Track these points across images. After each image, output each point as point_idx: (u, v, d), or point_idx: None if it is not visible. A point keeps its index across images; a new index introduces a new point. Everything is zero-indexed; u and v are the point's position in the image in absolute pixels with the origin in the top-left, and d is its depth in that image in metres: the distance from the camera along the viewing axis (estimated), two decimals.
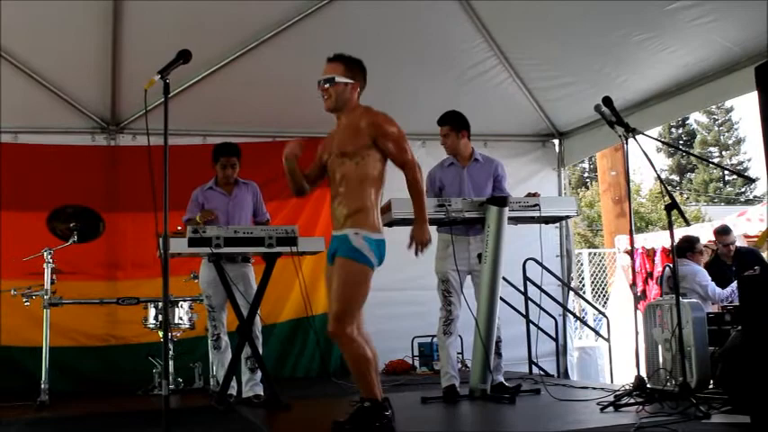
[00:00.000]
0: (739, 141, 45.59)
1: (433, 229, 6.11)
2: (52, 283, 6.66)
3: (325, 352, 8.57)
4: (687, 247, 8.21)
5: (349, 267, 4.35)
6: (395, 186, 4.87)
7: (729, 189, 44.74)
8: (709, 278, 7.98)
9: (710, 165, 44.52)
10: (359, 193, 4.50)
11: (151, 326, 7.25)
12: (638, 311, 5.99)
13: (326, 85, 4.67)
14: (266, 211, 6.78)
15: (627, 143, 5.49)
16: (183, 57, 4.00)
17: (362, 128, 4.58)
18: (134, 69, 7.56)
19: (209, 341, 6.50)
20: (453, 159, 6.40)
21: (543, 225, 6.68)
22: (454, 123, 6.31)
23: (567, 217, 7.15)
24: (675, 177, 44.87)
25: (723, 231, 8.68)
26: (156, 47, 6.67)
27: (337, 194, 4.56)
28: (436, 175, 6.42)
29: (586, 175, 42.41)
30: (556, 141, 9.80)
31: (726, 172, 45.03)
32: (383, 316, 8.64)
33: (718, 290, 7.86)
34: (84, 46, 7.40)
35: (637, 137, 5.44)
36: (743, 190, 44.18)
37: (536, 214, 6.13)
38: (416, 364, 8.78)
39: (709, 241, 10.61)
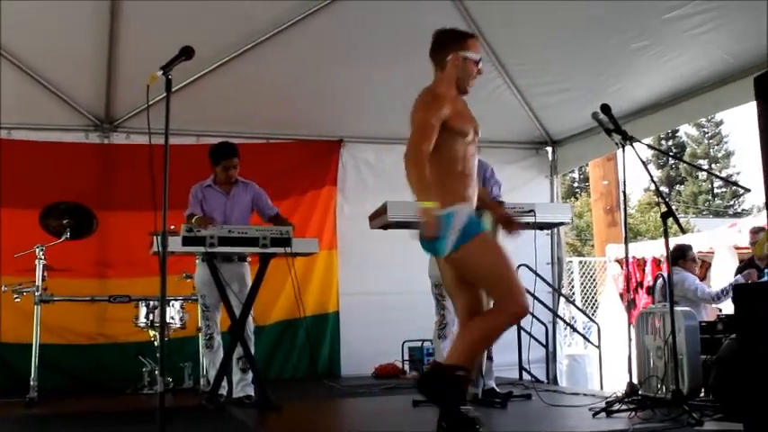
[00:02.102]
0: (728, 155, 45.84)
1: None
2: (43, 279, 6.64)
3: (315, 353, 8.57)
4: (679, 255, 8.23)
5: None
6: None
7: (718, 202, 44.98)
8: (697, 281, 8.00)
9: (709, 174, 44.80)
10: None
11: (142, 324, 7.23)
12: (631, 321, 6.02)
13: None
14: (273, 206, 6.73)
15: (624, 151, 5.49)
16: (186, 53, 3.98)
17: None
18: (130, 68, 7.54)
19: (202, 340, 6.49)
20: None
21: (537, 232, 6.69)
22: None
23: (562, 224, 7.16)
24: (665, 189, 45.04)
25: (754, 231, 8.56)
26: (152, 47, 6.65)
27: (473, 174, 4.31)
28: None
29: (576, 185, 42.57)
30: (549, 149, 9.82)
31: (716, 185, 45.25)
32: (374, 320, 8.69)
33: (708, 289, 7.87)
34: (81, 44, 7.38)
35: (634, 147, 5.45)
36: (731, 203, 44.42)
37: (531, 220, 6.13)
38: (407, 368, 8.77)
39: (700, 252, 10.67)
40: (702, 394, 5.68)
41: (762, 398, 4.18)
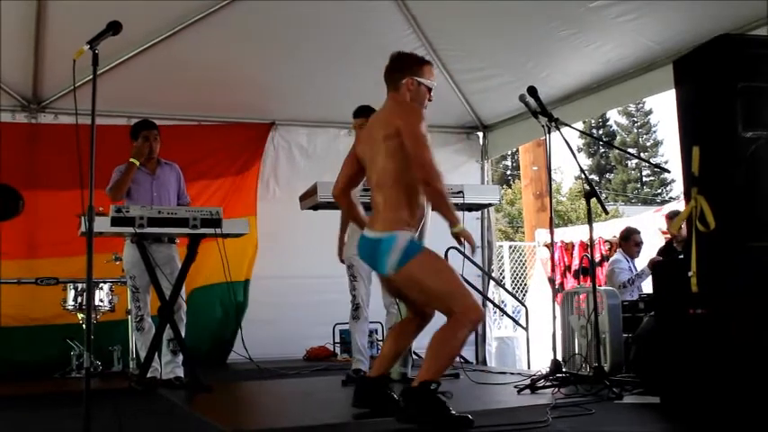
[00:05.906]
0: (657, 144, 46.87)
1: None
2: None
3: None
4: (621, 238, 8.45)
5: None
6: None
7: (647, 190, 45.96)
8: (620, 267, 8.19)
9: (637, 159, 46.23)
10: None
11: (70, 307, 7.15)
12: (556, 302, 6.17)
13: None
14: (187, 195, 6.74)
15: (550, 134, 5.62)
16: (114, 28, 3.93)
17: None
18: (57, 48, 7.38)
19: (133, 323, 6.43)
20: None
21: (466, 215, 6.78)
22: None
23: (490, 205, 7.27)
24: (595, 177, 45.84)
25: (670, 216, 8.67)
26: (80, 27, 6.46)
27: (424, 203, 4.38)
28: None
29: (509, 172, 43.01)
30: (480, 134, 9.94)
31: (644, 174, 46.34)
32: (304, 302, 8.70)
33: (620, 276, 8.06)
34: (7, 23, 7.20)
35: (560, 129, 5.58)
36: (659, 191, 45.41)
37: (459, 201, 6.22)
38: (337, 350, 8.83)
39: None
40: (624, 371, 5.85)
41: (676, 372, 4.35)
